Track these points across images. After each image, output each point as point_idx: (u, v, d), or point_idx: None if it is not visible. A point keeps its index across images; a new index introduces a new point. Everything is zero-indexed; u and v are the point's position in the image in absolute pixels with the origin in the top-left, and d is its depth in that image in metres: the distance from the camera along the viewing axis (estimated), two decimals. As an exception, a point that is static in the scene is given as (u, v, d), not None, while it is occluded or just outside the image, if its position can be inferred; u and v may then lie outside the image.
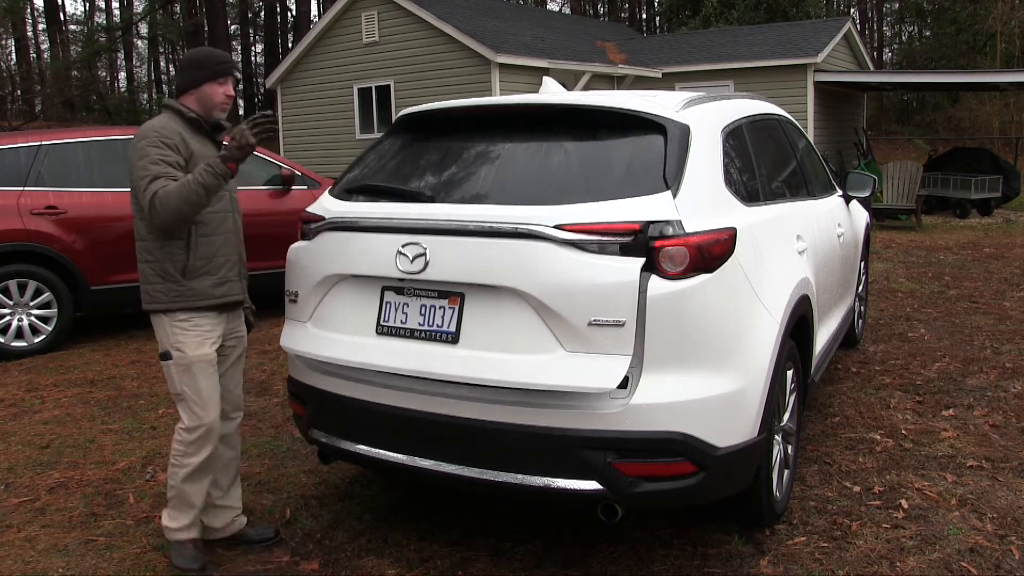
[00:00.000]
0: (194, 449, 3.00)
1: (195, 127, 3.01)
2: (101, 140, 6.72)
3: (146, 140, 2.90)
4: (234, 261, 3.09)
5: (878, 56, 36.75)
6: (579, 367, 2.55)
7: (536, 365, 2.59)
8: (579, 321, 2.56)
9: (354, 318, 2.97)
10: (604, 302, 2.55)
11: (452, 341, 2.75)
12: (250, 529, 3.31)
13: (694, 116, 3.04)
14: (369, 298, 2.95)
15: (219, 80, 3.01)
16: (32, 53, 34.58)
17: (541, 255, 2.61)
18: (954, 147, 17.13)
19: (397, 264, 2.83)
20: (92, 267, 6.43)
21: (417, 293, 2.86)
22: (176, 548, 3.07)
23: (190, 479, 3.02)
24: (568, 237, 2.60)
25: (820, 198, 4.49)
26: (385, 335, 2.89)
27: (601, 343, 2.55)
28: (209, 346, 3.00)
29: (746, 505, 3.07)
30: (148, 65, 42.29)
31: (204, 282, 2.97)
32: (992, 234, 12.14)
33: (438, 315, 2.80)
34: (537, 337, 2.62)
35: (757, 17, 23.84)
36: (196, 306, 2.97)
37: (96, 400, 5.17)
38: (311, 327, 3.09)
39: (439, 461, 2.81)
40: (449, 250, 2.76)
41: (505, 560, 3.08)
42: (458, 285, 2.77)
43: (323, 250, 3.07)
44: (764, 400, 2.85)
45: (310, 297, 3.09)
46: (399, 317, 2.88)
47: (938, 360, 5.49)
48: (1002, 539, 3.12)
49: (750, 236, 2.94)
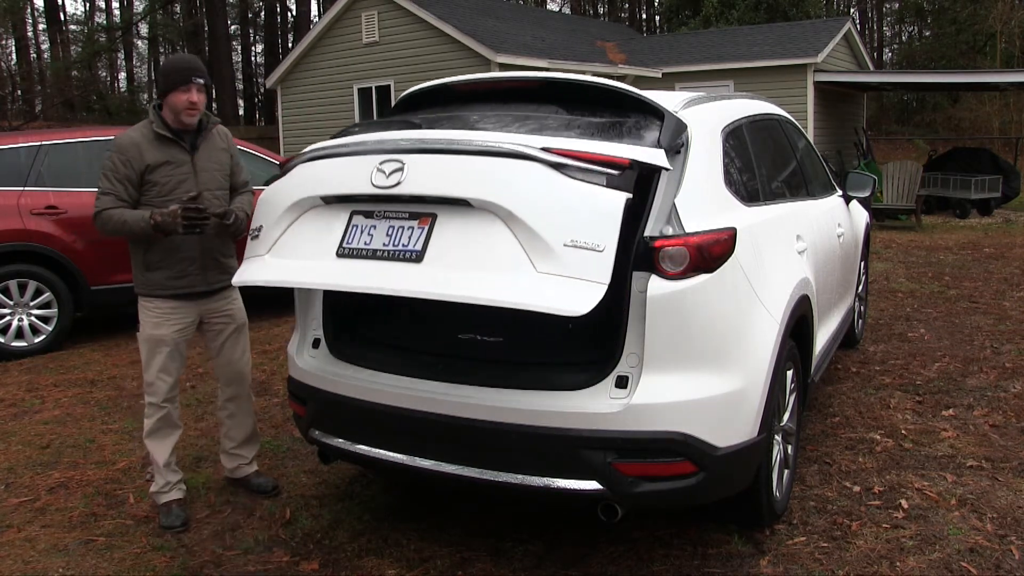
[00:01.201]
0: (150, 411, 3.49)
1: (159, 138, 3.36)
2: (101, 140, 6.71)
3: (109, 154, 3.35)
4: (194, 257, 3.43)
5: (878, 56, 36.76)
6: (551, 288, 2.37)
7: (504, 283, 2.42)
8: (555, 240, 2.40)
9: (315, 244, 2.79)
10: (584, 225, 2.40)
11: (416, 260, 2.57)
12: (255, 477, 3.75)
13: (694, 116, 3.04)
14: (336, 224, 2.78)
15: (181, 88, 3.32)
16: (32, 53, 34.56)
17: (524, 172, 2.50)
18: (954, 147, 17.13)
19: (372, 179, 2.68)
20: (92, 267, 6.43)
21: (387, 215, 2.69)
22: (161, 510, 3.48)
23: (150, 437, 3.50)
24: (554, 159, 2.49)
25: (820, 198, 4.49)
26: (346, 257, 2.71)
27: (576, 267, 2.37)
28: (167, 327, 3.43)
29: (746, 505, 3.07)
30: (148, 65, 42.25)
31: (161, 275, 3.41)
32: (992, 234, 12.14)
33: (405, 235, 2.63)
34: (508, 257, 2.45)
35: (757, 17, 23.83)
36: (156, 293, 3.42)
37: (96, 400, 5.17)
38: (268, 257, 2.89)
39: (439, 461, 2.81)
40: (428, 165, 2.63)
41: (505, 560, 3.08)
42: (431, 203, 2.61)
43: (296, 180, 2.93)
44: (764, 400, 2.85)
45: (273, 229, 2.91)
46: (363, 239, 2.70)
47: (938, 360, 5.49)
48: (1002, 539, 3.12)
49: (750, 236, 2.94)
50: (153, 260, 3.39)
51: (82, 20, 38.14)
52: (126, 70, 40.18)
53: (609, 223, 2.41)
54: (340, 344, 3.17)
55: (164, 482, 3.50)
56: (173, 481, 3.52)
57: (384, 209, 2.72)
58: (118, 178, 3.31)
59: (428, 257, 2.56)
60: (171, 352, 3.46)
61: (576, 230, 2.40)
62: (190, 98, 3.33)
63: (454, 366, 2.89)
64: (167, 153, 3.37)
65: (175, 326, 3.45)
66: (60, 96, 27.21)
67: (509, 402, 2.69)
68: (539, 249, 2.42)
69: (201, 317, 3.55)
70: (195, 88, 3.33)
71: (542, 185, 2.48)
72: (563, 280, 2.37)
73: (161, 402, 3.46)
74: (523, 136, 2.62)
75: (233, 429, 3.73)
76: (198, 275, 3.46)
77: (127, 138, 3.35)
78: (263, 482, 3.73)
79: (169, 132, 3.37)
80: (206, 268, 3.48)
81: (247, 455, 3.77)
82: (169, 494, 3.50)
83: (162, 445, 3.50)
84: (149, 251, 3.39)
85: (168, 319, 3.44)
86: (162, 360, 3.44)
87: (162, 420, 3.48)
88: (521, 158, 2.52)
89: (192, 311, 3.50)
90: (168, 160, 3.36)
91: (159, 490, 3.50)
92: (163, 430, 3.50)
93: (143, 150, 3.33)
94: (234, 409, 3.71)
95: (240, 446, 3.75)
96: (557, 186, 2.47)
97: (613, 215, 2.42)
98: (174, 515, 3.44)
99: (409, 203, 2.67)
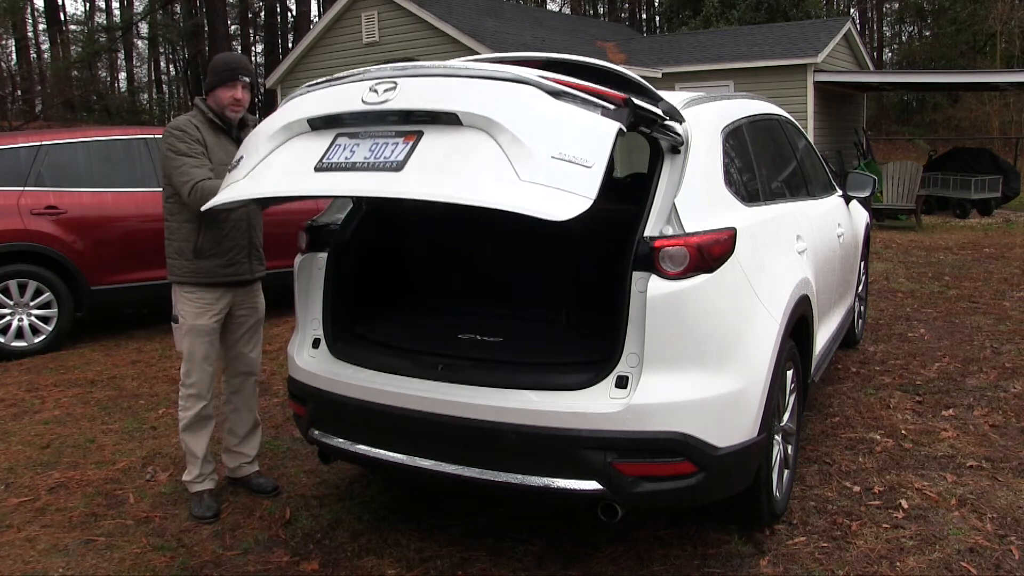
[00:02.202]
0: (189, 404, 3.52)
1: (211, 124, 3.48)
2: (101, 140, 6.72)
3: (170, 135, 3.40)
4: (243, 245, 3.54)
5: (878, 56, 36.74)
6: (533, 194, 2.28)
7: (485, 186, 2.33)
8: (543, 152, 2.33)
9: (294, 163, 2.69)
10: (575, 142, 2.34)
11: (396, 169, 2.46)
12: (256, 477, 3.75)
13: (694, 116, 3.04)
14: (318, 145, 2.68)
15: (226, 85, 3.45)
16: (32, 53, 34.54)
17: (520, 92, 2.46)
18: (954, 147, 17.13)
19: (363, 98, 2.60)
20: (92, 267, 6.42)
21: (372, 135, 2.59)
22: (193, 499, 3.55)
23: (188, 430, 3.54)
24: (552, 86, 2.47)
25: (820, 198, 4.49)
26: (324, 170, 2.59)
27: (562, 179, 2.29)
28: (208, 318, 3.49)
29: (746, 505, 3.07)
30: (148, 65, 42.27)
31: (211, 262, 3.47)
32: (992, 234, 12.14)
33: (388, 149, 2.53)
34: (491, 165, 2.35)
35: (757, 17, 23.83)
36: (202, 282, 3.47)
37: (96, 400, 5.17)
38: (244, 182, 2.77)
39: (439, 461, 2.80)
40: (423, 84, 2.57)
41: (505, 560, 3.08)
42: (418, 122, 2.53)
43: (285, 108, 2.86)
44: (764, 400, 2.85)
45: (252, 157, 2.80)
46: (345, 155, 2.59)
47: (938, 360, 5.49)
48: (1002, 539, 3.12)
49: (750, 236, 2.94)
50: (205, 248, 3.45)
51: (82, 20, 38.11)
52: (126, 70, 40.19)
53: (601, 144, 2.35)
54: (340, 344, 3.17)
55: (198, 472, 3.56)
56: (207, 472, 3.58)
57: (370, 129, 2.61)
58: (197, 152, 3.36)
59: (409, 166, 2.45)
60: (212, 341, 3.53)
61: (566, 145, 2.34)
62: (235, 95, 3.45)
63: (454, 366, 2.89)
64: (219, 141, 3.49)
65: (216, 316, 3.52)
66: (60, 96, 27.21)
67: (509, 402, 2.69)
68: (524, 159, 2.33)
69: (231, 307, 3.60)
70: (240, 86, 3.46)
71: (537, 105, 2.43)
72: (547, 189, 2.28)
73: (204, 393, 3.51)
74: (521, 70, 2.57)
75: (236, 424, 3.75)
76: (244, 263, 3.56)
77: (183, 119, 3.45)
78: (264, 483, 3.73)
79: (220, 120, 3.49)
80: (251, 257, 3.59)
81: (249, 453, 3.77)
82: (202, 484, 3.57)
83: (199, 437, 3.55)
84: (202, 237, 3.44)
85: (210, 308, 3.49)
86: (205, 349, 3.49)
87: (201, 412, 3.53)
88: (519, 83, 2.49)
89: (228, 300, 3.56)
90: (220, 148, 3.47)
91: (192, 479, 3.56)
92: (201, 422, 3.55)
93: (203, 132, 3.44)
94: (238, 403, 3.74)
95: (242, 442, 3.76)
96: (552, 107, 2.43)
97: (606, 137, 2.37)
98: (205, 505, 3.51)
99: (396, 123, 2.57)
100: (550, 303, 3.49)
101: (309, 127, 2.74)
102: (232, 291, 3.56)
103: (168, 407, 4.94)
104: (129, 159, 6.71)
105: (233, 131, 3.55)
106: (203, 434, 3.57)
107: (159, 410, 4.93)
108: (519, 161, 2.33)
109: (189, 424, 3.54)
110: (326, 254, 3.27)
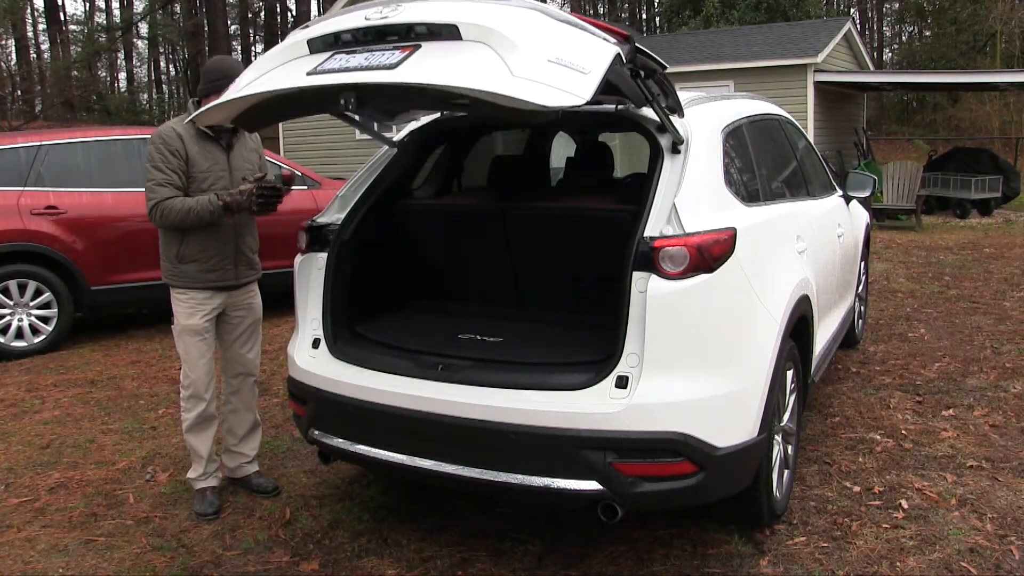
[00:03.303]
0: (189, 405, 3.55)
1: (198, 131, 3.43)
2: (101, 140, 6.72)
3: (153, 144, 3.40)
4: (228, 252, 3.52)
5: (878, 56, 36.73)
6: (523, 86, 2.24)
7: (475, 75, 2.30)
8: (539, 55, 2.31)
9: (286, 75, 2.65)
10: (573, 52, 2.33)
11: (389, 68, 2.43)
12: (255, 477, 3.76)
13: (694, 116, 3.04)
14: (315, 60, 2.63)
15: (218, 92, 3.24)
16: (32, 53, 34.55)
17: (525, 13, 2.46)
18: (954, 147, 17.12)
19: (365, 15, 2.57)
20: (92, 267, 6.42)
21: (370, 48, 2.55)
22: (197, 496, 3.58)
23: (191, 431, 3.57)
24: (558, 14, 2.49)
25: (820, 198, 4.49)
26: (316, 74, 2.55)
27: (556, 79, 2.26)
28: (199, 318, 3.50)
29: (746, 505, 3.07)
30: (148, 65, 42.27)
31: (195, 267, 3.47)
32: (992, 234, 12.14)
33: (384, 56, 2.49)
34: (485, 62, 2.33)
35: (757, 17, 23.82)
36: (188, 285, 3.48)
37: (96, 400, 5.17)
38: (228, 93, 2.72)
39: (439, 461, 2.81)
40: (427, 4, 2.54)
41: (505, 560, 3.08)
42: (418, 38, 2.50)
43: (288, 37, 2.82)
44: (764, 400, 2.85)
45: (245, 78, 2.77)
46: (339, 63, 2.55)
47: (938, 360, 5.49)
48: (1002, 539, 3.12)
49: (750, 236, 2.94)
50: (188, 253, 3.46)
51: (82, 20, 38.11)
52: (126, 70, 40.17)
53: (600, 57, 2.34)
54: (340, 344, 3.17)
55: (202, 471, 3.58)
56: (211, 470, 3.61)
57: (368, 46, 2.57)
58: (170, 168, 3.37)
59: (403, 65, 2.43)
60: (206, 341, 3.54)
61: (563, 53, 2.32)
62: None
63: (454, 366, 2.89)
64: (206, 149, 3.47)
65: (206, 316, 3.53)
66: (60, 96, 27.21)
67: (509, 402, 2.69)
68: (520, 60, 2.30)
69: (224, 309, 3.60)
70: None
71: (540, 23, 2.43)
72: (538, 84, 2.25)
73: (202, 394, 3.53)
74: None
75: (236, 424, 3.75)
76: (230, 269, 3.55)
77: (169, 129, 3.43)
78: (264, 482, 3.74)
79: (209, 129, 3.45)
80: (237, 263, 3.57)
81: (249, 452, 3.78)
82: (206, 481, 3.59)
83: (203, 438, 3.58)
84: (184, 244, 3.45)
85: (200, 308, 3.51)
86: (199, 349, 3.51)
87: (203, 413, 3.55)
88: (524, 8, 2.48)
89: (219, 301, 3.57)
90: (206, 156, 3.46)
91: (196, 477, 3.59)
92: (204, 423, 3.57)
93: (185, 142, 3.42)
94: (237, 404, 3.74)
95: (241, 442, 3.76)
96: (555, 27, 2.43)
97: (604, 53, 2.36)
98: (208, 502, 3.54)
99: (396, 41, 2.53)
100: (550, 303, 3.49)
101: (308, 49, 2.69)
102: (223, 293, 3.56)
103: (168, 407, 4.94)
104: (129, 159, 6.70)
105: (224, 137, 3.51)
106: (206, 434, 3.59)
107: (159, 410, 4.93)
108: (514, 61, 2.30)
109: (192, 425, 3.56)
110: (326, 254, 3.27)
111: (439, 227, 3.66)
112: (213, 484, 3.62)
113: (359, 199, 3.42)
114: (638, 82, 2.64)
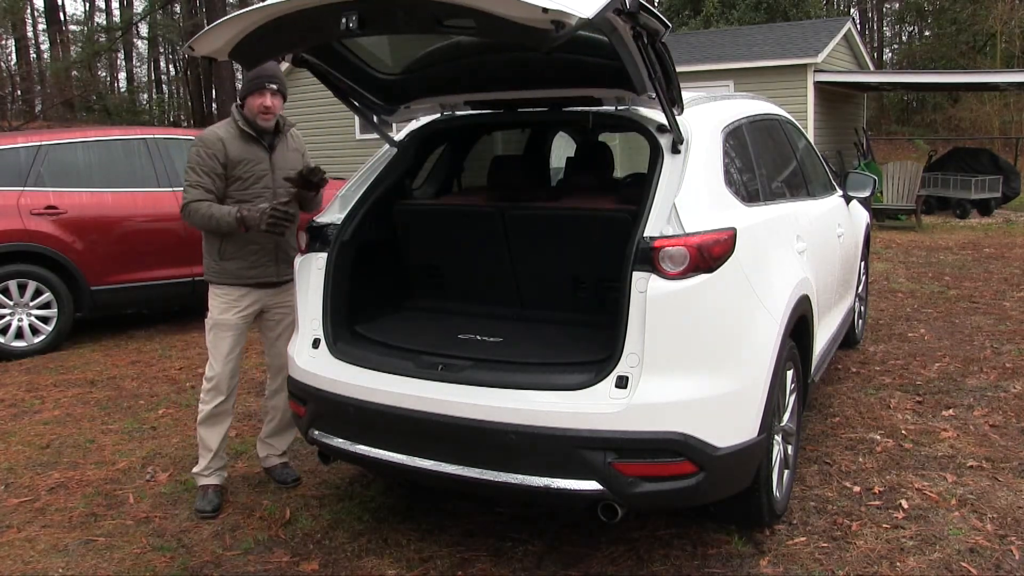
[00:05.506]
0: (209, 397, 3.58)
1: (241, 133, 3.54)
2: (101, 140, 6.72)
3: (194, 147, 3.51)
4: (269, 249, 3.59)
5: (878, 56, 36.72)
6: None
7: None
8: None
9: None
10: None
11: None
12: (280, 469, 3.84)
13: (694, 116, 3.04)
14: None
15: (256, 92, 3.51)
16: (32, 53, 34.54)
17: None
18: (954, 147, 17.12)
19: None
20: (92, 267, 6.43)
21: None
22: (198, 492, 3.61)
23: (205, 423, 3.60)
24: None
25: (820, 198, 4.49)
26: None
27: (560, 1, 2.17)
28: (233, 314, 3.57)
29: (746, 505, 3.07)
30: (148, 65, 42.23)
31: (235, 264, 3.56)
32: (992, 234, 12.14)
33: None
34: None
35: (757, 17, 23.83)
36: (228, 282, 3.57)
37: (96, 400, 5.17)
38: None
39: (439, 461, 2.80)
40: None
41: (505, 560, 3.08)
42: None
43: None
44: (764, 400, 2.85)
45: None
46: None
47: (938, 360, 5.49)
48: (1002, 539, 3.12)
49: (750, 236, 2.94)
50: (229, 250, 3.54)
51: (82, 20, 38.08)
52: (126, 70, 40.16)
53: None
54: (340, 344, 3.17)
55: (206, 465, 3.61)
56: (216, 467, 3.62)
57: None
58: (204, 171, 3.47)
59: None
60: (236, 337, 3.59)
61: None
62: (264, 102, 3.51)
63: (454, 366, 2.89)
64: (248, 150, 3.55)
65: (241, 313, 3.59)
66: (60, 96, 27.22)
67: (509, 402, 2.69)
68: None
69: (263, 307, 3.66)
70: (269, 93, 3.52)
71: None
72: None
73: (223, 388, 3.57)
74: None
75: (274, 417, 3.82)
76: (270, 267, 3.62)
77: (211, 133, 3.53)
78: (287, 473, 3.82)
79: (252, 130, 3.55)
80: (278, 261, 3.64)
81: (279, 447, 3.85)
82: (209, 478, 3.62)
83: (215, 432, 3.60)
84: (225, 242, 3.53)
85: (235, 305, 3.58)
86: (228, 345, 3.56)
87: (220, 407, 3.59)
88: None
89: (258, 299, 3.64)
90: (249, 157, 3.54)
91: (200, 471, 3.61)
92: (218, 416, 3.60)
93: (227, 145, 3.50)
94: (278, 401, 3.78)
95: (274, 436, 3.84)
96: None
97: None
98: (208, 499, 3.55)
99: None
100: (550, 303, 3.49)
101: None
102: (261, 290, 3.63)
103: (168, 407, 4.94)
104: (129, 159, 6.71)
105: (266, 138, 3.60)
106: (218, 429, 3.61)
107: (159, 410, 4.93)
108: None
109: (206, 418, 3.59)
110: (326, 254, 3.27)
111: (439, 227, 3.66)
112: (216, 482, 3.63)
113: (359, 199, 3.42)
114: (640, 45, 2.55)
